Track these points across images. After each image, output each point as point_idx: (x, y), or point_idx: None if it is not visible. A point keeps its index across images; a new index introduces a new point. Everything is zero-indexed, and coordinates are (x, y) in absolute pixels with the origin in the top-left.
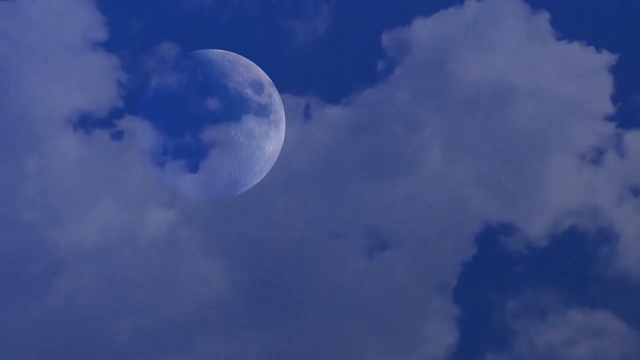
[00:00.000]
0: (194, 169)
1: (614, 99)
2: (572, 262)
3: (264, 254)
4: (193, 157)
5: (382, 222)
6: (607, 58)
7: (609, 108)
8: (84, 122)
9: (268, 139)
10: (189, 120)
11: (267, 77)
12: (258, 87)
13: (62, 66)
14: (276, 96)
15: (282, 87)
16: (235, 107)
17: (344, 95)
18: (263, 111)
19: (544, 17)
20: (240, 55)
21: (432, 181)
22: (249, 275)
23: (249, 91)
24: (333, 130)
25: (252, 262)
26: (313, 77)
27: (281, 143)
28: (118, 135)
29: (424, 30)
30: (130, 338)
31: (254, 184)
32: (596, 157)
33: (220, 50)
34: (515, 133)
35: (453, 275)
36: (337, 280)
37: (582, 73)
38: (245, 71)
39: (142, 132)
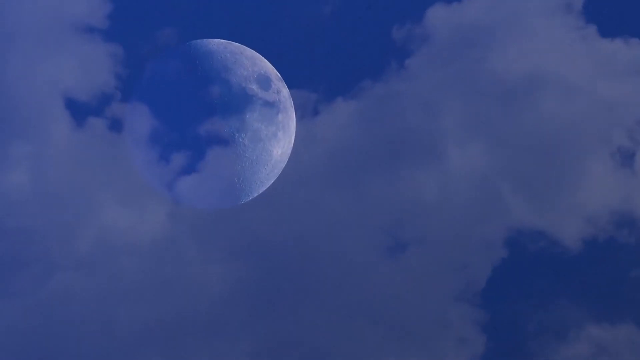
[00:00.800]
0: (191, 174)
1: None
2: (605, 272)
3: (273, 256)
4: (190, 160)
5: (401, 221)
6: None
7: None
8: (76, 110)
9: (276, 141)
10: (186, 119)
11: (275, 70)
12: (265, 82)
13: (55, 50)
14: (285, 92)
15: (287, 79)
16: (239, 105)
17: (356, 87)
18: (270, 109)
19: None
20: (244, 46)
21: (454, 177)
22: (257, 279)
23: (254, 87)
24: (345, 125)
25: (261, 265)
26: (321, 68)
27: (291, 145)
28: (115, 126)
29: (443, 15)
30: (130, 338)
31: (260, 192)
32: (632, 161)
33: (222, 40)
34: (546, 129)
35: (477, 280)
36: (352, 284)
37: (623, 68)
38: (250, 64)
39: (133, 133)
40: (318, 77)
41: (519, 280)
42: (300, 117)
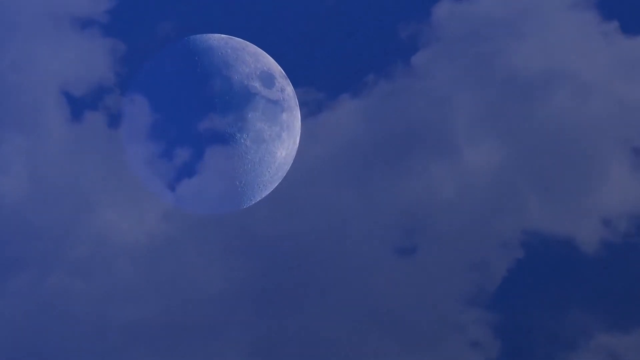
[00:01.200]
0: (190, 177)
1: None
2: (624, 277)
3: (277, 257)
4: (189, 162)
5: (411, 221)
6: None
7: None
8: (74, 104)
9: (280, 142)
10: (184, 119)
11: (279, 67)
12: (268, 79)
13: (53, 43)
14: (289, 90)
15: (291, 76)
16: (241, 104)
17: (362, 83)
18: (274, 109)
19: None
20: (246, 42)
21: (464, 176)
22: (260, 280)
23: (257, 84)
24: (351, 123)
25: (263, 266)
26: (326, 64)
27: (296, 146)
28: (113, 121)
29: (452, 10)
30: (129, 338)
31: (263, 196)
32: None
33: (223, 35)
34: (562, 128)
35: (490, 282)
36: (361, 285)
37: None
38: (252, 60)
39: (129, 131)
40: (322, 74)
41: (534, 283)
42: (304, 116)
